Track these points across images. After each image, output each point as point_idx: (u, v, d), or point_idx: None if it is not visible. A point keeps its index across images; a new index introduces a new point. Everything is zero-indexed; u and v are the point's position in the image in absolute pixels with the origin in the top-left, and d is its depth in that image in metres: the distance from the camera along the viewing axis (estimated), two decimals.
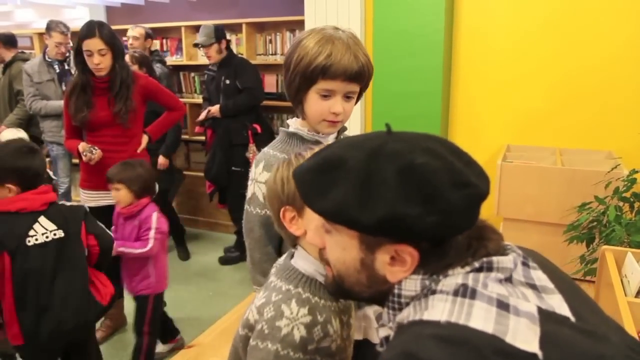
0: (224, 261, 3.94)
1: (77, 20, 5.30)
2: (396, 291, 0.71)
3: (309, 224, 0.94)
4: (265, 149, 1.28)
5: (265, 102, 3.99)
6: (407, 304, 0.70)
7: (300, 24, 3.76)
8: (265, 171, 1.22)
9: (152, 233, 2.30)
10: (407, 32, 3.27)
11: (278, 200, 0.99)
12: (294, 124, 1.28)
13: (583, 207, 2.33)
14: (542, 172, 2.51)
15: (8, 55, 4.05)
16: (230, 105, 3.61)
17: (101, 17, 5.05)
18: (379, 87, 3.45)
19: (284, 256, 1.06)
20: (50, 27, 3.69)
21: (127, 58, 3.44)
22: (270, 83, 4.33)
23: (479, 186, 0.68)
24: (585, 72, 2.96)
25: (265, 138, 3.78)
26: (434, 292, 0.68)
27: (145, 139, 2.53)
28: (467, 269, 0.68)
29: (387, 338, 0.74)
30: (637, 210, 2.19)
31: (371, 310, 1.31)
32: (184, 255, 4.06)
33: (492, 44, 3.21)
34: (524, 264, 0.72)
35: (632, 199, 2.20)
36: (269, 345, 0.90)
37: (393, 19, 3.32)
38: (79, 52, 2.33)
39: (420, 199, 0.63)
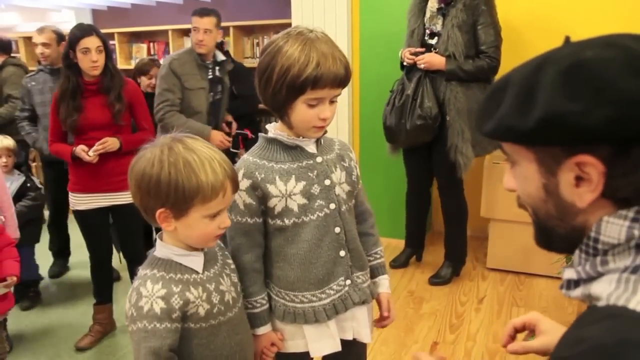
0: None
1: (63, 23, 5.27)
2: (593, 234, 0.62)
3: (189, 223, 1.04)
4: (245, 156, 1.25)
5: None
6: (605, 253, 0.61)
7: (288, 27, 3.77)
8: (245, 178, 1.20)
9: None
10: (394, 35, 3.30)
11: (157, 200, 1.03)
12: (273, 129, 1.25)
13: None
14: None
15: None
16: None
17: (87, 20, 5.02)
18: (366, 90, 3.47)
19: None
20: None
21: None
22: None
23: None
24: None
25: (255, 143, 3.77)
26: None
27: (115, 143, 2.36)
28: None
29: (570, 282, 0.66)
30: None
31: (360, 311, 1.33)
32: None
33: None
34: None
35: None
36: (138, 324, 1.02)
37: (379, 22, 3.35)
38: (67, 55, 2.31)
39: (586, 94, 0.56)
